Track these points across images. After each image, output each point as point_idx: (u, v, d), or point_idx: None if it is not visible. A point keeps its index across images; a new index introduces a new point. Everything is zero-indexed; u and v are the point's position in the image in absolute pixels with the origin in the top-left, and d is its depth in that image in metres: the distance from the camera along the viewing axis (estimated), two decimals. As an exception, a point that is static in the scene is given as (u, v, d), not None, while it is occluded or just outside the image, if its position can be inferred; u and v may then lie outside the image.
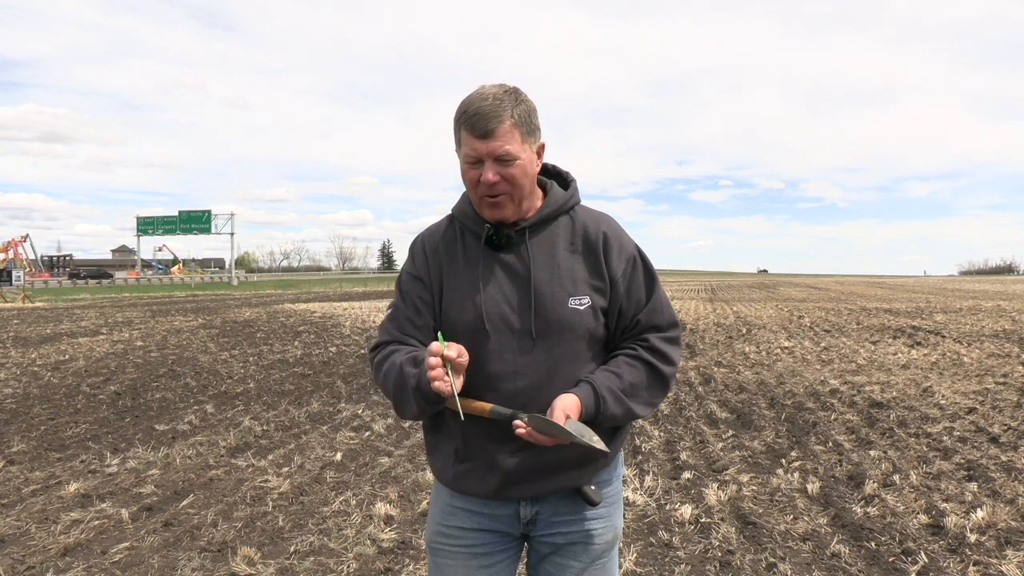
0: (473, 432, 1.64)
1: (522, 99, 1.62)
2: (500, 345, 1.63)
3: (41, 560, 3.63)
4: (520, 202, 1.66)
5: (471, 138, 1.59)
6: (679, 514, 4.16)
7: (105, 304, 29.66)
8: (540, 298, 1.64)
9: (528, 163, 1.63)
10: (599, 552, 1.72)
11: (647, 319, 1.70)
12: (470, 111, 1.58)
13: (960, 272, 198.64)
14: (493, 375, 1.62)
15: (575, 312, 1.64)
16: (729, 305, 25.31)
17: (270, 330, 16.06)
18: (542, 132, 1.68)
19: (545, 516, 1.70)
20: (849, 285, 52.57)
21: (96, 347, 12.95)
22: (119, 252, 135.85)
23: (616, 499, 1.78)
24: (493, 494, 1.66)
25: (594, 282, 1.67)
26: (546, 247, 1.68)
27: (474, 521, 1.70)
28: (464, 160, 1.63)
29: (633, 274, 1.71)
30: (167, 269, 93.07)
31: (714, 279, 73.30)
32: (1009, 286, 49.51)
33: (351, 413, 7.06)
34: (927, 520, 4.01)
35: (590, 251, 1.69)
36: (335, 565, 3.58)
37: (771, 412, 6.99)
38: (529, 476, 1.64)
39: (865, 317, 18.74)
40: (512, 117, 1.58)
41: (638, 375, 1.66)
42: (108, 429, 6.53)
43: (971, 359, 10.46)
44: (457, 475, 1.69)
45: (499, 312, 1.64)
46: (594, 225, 1.72)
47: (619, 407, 1.62)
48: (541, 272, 1.66)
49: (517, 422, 1.53)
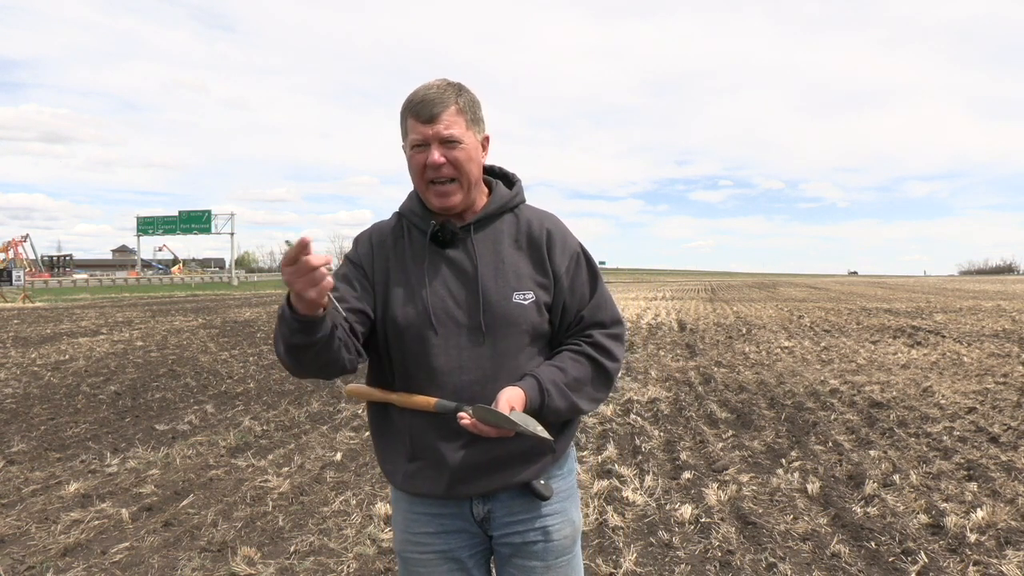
0: (420, 429, 1.65)
1: (466, 90, 1.67)
2: (445, 340, 1.64)
3: (41, 560, 3.63)
4: (468, 189, 1.67)
5: (417, 124, 1.61)
6: (679, 514, 4.16)
7: (105, 304, 29.66)
8: (485, 293, 1.65)
9: (473, 149, 1.65)
10: (560, 549, 1.72)
11: (591, 315, 1.72)
12: (416, 99, 1.62)
13: (960, 272, 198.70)
14: (438, 370, 1.63)
15: (519, 307, 1.65)
16: (729, 305, 25.30)
17: (270, 330, 16.06)
18: (486, 126, 1.71)
19: (499, 516, 1.70)
20: (849, 285, 52.56)
21: (96, 347, 12.96)
22: (119, 252, 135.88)
23: (570, 493, 1.78)
24: (444, 492, 1.66)
25: (538, 278, 1.69)
26: (491, 243, 1.70)
27: (436, 524, 1.71)
28: (410, 146, 1.64)
29: (577, 271, 1.73)
30: (167, 269, 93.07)
31: (714, 279, 73.24)
32: (1009, 286, 49.47)
33: (351, 413, 7.07)
34: (927, 520, 4.01)
35: (534, 248, 1.71)
36: (335, 565, 3.58)
37: (771, 412, 6.99)
38: (477, 472, 1.64)
39: (865, 317, 18.74)
40: (456, 103, 1.62)
41: (582, 370, 1.67)
42: (108, 429, 6.54)
43: (971, 359, 10.46)
44: (408, 475, 1.69)
45: (444, 308, 1.65)
46: (538, 223, 1.74)
47: (563, 401, 1.64)
48: (486, 267, 1.67)
49: (461, 413, 1.54)
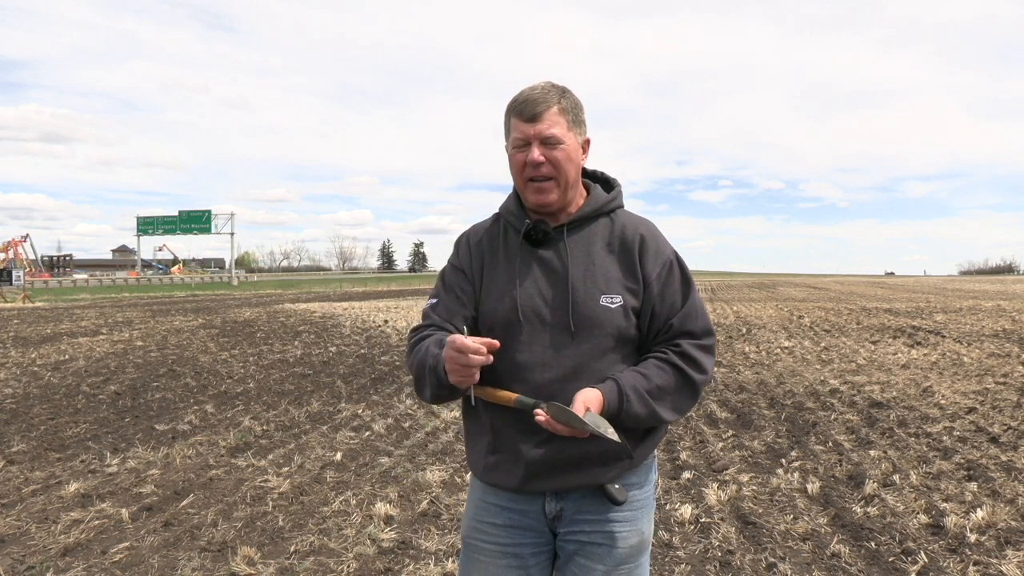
0: (502, 424, 1.69)
1: (569, 93, 1.72)
2: (531, 337, 1.67)
3: (41, 560, 3.63)
4: (565, 189, 1.70)
5: (519, 122, 1.67)
6: (679, 514, 4.16)
7: (105, 304, 29.66)
8: (574, 294, 1.67)
9: (573, 150, 1.68)
10: (623, 556, 1.71)
11: (680, 324, 1.71)
12: (519, 99, 1.68)
13: (960, 272, 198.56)
14: (522, 365, 1.66)
15: (606, 310, 1.66)
16: (729, 305, 25.30)
17: (270, 330, 16.06)
18: (587, 129, 1.75)
19: (569, 513, 1.71)
20: (849, 285, 52.55)
21: (96, 347, 12.96)
22: (119, 252, 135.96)
23: (645, 504, 1.76)
24: (519, 486, 1.68)
25: (627, 283, 1.70)
26: (584, 245, 1.72)
27: (505, 517, 1.73)
28: (512, 145, 1.69)
29: (668, 278, 1.72)
30: (167, 269, 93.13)
31: (714, 279, 73.29)
32: (1009, 286, 49.48)
33: (351, 413, 7.07)
34: (927, 520, 4.01)
35: (626, 252, 1.72)
36: (335, 565, 3.58)
37: (771, 412, 6.99)
38: (552, 469, 1.66)
39: (865, 317, 18.74)
40: (559, 104, 1.67)
41: (666, 378, 1.66)
42: (108, 429, 6.53)
43: (971, 359, 10.46)
44: (487, 467, 1.73)
45: (532, 305, 1.68)
46: (632, 228, 1.75)
47: (643, 407, 1.62)
48: (576, 269, 1.69)
49: (537, 410, 1.56)
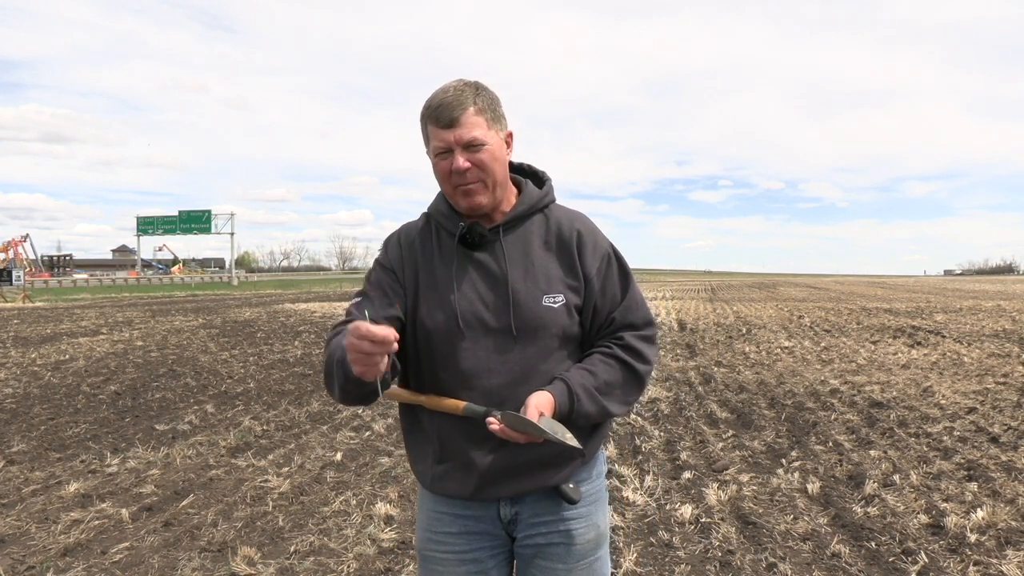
0: (448, 432, 1.64)
1: (483, 89, 1.64)
2: (474, 343, 1.62)
3: (41, 560, 3.63)
4: (494, 189, 1.64)
5: (437, 129, 1.59)
6: (679, 514, 4.16)
7: (105, 304, 29.66)
8: (515, 296, 1.63)
9: (497, 148, 1.63)
10: (582, 552, 1.70)
11: (622, 317, 1.70)
12: (433, 104, 1.60)
13: (960, 271, 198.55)
14: (467, 372, 1.62)
15: (549, 310, 1.63)
16: (729, 305, 25.30)
17: (270, 330, 16.06)
18: (508, 122, 1.68)
19: (525, 517, 1.69)
20: (849, 285, 52.55)
21: (96, 347, 12.95)
22: (119, 252, 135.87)
23: (597, 497, 1.75)
24: (472, 495, 1.65)
25: (569, 280, 1.67)
26: (521, 245, 1.68)
27: (460, 525, 1.70)
28: (433, 153, 1.63)
29: (608, 272, 1.70)
30: (167, 269, 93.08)
31: (714, 279, 73.23)
32: (1009, 286, 49.46)
33: (351, 413, 7.06)
34: (927, 520, 4.01)
35: (564, 249, 1.69)
36: (335, 565, 3.58)
37: (771, 412, 6.99)
38: (506, 475, 1.63)
39: (865, 317, 18.73)
40: (475, 104, 1.60)
41: (613, 373, 1.65)
42: (108, 429, 6.53)
43: (971, 359, 10.46)
44: (436, 476, 1.68)
45: (473, 311, 1.63)
46: (568, 223, 1.72)
47: (593, 405, 1.61)
48: (516, 270, 1.65)
49: (490, 419, 1.52)
